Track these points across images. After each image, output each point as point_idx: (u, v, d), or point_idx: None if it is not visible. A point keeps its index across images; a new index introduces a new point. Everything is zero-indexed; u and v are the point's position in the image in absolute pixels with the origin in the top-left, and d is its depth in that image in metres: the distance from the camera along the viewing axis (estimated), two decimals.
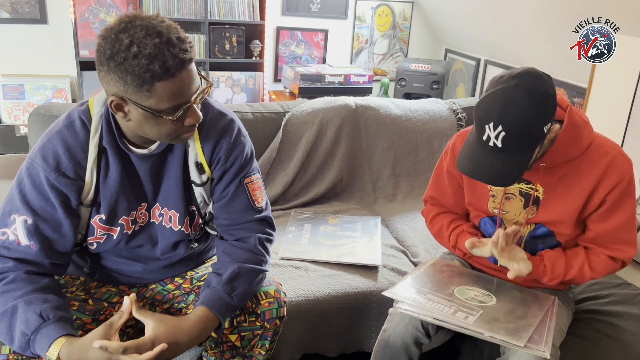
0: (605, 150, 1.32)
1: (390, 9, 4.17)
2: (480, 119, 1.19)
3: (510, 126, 1.15)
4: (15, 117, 3.43)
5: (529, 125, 1.15)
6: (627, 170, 1.31)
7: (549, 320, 1.28)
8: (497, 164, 1.20)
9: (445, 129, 2.45)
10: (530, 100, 1.14)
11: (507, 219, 1.44)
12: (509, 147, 1.17)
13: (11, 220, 1.14)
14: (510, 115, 1.15)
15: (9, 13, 3.36)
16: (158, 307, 1.39)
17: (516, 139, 1.16)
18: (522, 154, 1.19)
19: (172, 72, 1.03)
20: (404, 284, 1.37)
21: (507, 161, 1.19)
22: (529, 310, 1.31)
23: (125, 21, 1.03)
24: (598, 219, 1.35)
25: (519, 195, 1.40)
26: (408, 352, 1.36)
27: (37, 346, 1.05)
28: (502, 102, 1.16)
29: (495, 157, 1.19)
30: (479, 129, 1.20)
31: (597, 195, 1.32)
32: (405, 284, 1.37)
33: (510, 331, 1.21)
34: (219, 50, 3.66)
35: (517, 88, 1.15)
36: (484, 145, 1.20)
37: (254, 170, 1.33)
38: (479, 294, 1.35)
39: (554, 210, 1.37)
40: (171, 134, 1.13)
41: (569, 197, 1.35)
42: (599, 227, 1.35)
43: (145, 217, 1.29)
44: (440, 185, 1.58)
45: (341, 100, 2.36)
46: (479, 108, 1.20)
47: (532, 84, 1.16)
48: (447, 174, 1.54)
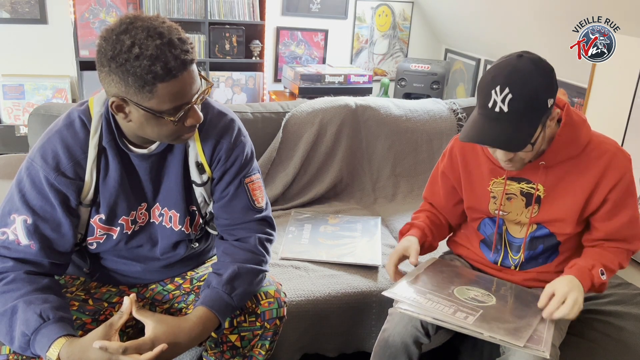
0: (604, 147, 1.33)
1: (390, 9, 4.17)
2: (486, 86, 1.20)
3: (517, 89, 1.16)
4: (15, 117, 3.43)
5: (535, 91, 1.16)
6: (627, 166, 1.33)
7: (549, 320, 1.28)
8: (505, 128, 1.19)
9: (445, 129, 2.45)
10: (537, 69, 1.17)
11: (508, 219, 1.44)
12: (516, 113, 1.17)
13: (11, 220, 1.14)
14: (517, 80, 1.16)
15: (9, 13, 3.37)
16: (158, 307, 1.39)
17: (523, 104, 1.16)
18: (527, 123, 1.19)
19: (173, 73, 1.03)
20: (404, 284, 1.37)
21: (514, 127, 1.19)
22: (528, 310, 1.31)
23: (126, 22, 1.03)
24: (604, 218, 1.36)
25: (520, 195, 1.40)
26: (408, 352, 1.36)
27: (37, 346, 1.05)
28: (509, 69, 1.18)
29: (502, 123, 1.19)
30: (484, 98, 1.20)
31: (599, 193, 1.33)
32: (404, 284, 1.37)
33: (510, 331, 1.21)
34: (219, 50, 3.66)
35: (522, 58, 1.19)
36: (489, 113, 1.20)
37: (254, 170, 1.33)
38: (479, 294, 1.35)
39: (556, 208, 1.37)
40: (172, 134, 1.13)
41: (570, 195, 1.35)
42: (607, 225, 1.36)
43: (145, 217, 1.28)
44: (433, 186, 1.59)
45: (341, 100, 2.36)
46: (484, 79, 1.22)
47: (536, 57, 1.21)
48: (441, 175, 1.55)
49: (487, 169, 1.43)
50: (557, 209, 1.37)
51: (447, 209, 1.57)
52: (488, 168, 1.43)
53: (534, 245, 1.43)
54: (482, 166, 1.44)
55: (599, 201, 1.34)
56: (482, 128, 1.22)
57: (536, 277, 1.45)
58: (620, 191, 1.32)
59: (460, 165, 1.48)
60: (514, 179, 1.40)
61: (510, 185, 1.40)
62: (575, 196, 1.34)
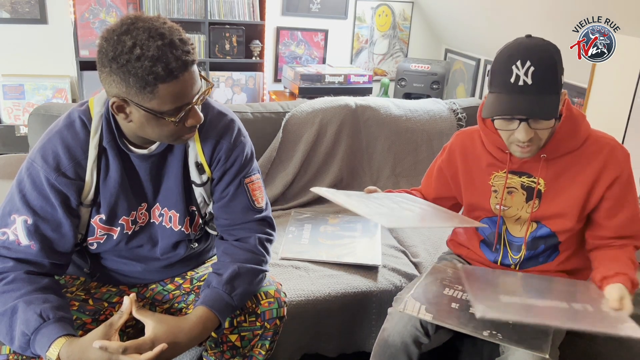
0: (603, 142, 1.35)
1: (390, 9, 4.17)
2: (504, 64, 1.23)
3: (537, 61, 1.20)
4: (15, 117, 3.43)
5: (553, 61, 1.21)
6: (626, 161, 1.34)
7: None
8: (532, 99, 1.21)
9: (445, 129, 2.45)
10: (549, 44, 1.24)
11: (508, 215, 1.44)
12: (541, 83, 1.20)
13: (11, 220, 1.14)
14: (536, 53, 1.21)
15: (9, 13, 3.37)
16: (158, 307, 1.39)
17: (545, 74, 1.20)
18: (553, 93, 1.22)
19: (175, 74, 1.03)
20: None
21: (540, 97, 1.21)
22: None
23: (127, 23, 1.03)
24: (608, 215, 1.36)
25: (521, 188, 1.40)
26: (407, 352, 1.36)
27: (37, 346, 1.05)
28: (524, 46, 1.23)
29: (528, 95, 1.21)
30: (504, 75, 1.22)
31: (598, 189, 1.34)
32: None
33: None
34: (219, 50, 3.66)
35: (532, 37, 1.25)
36: (512, 88, 1.22)
37: (254, 171, 1.33)
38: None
39: (556, 203, 1.38)
40: (172, 134, 1.13)
41: (570, 189, 1.36)
42: (613, 222, 1.36)
43: (145, 217, 1.29)
44: (428, 178, 1.62)
45: (341, 100, 2.36)
46: (499, 58, 1.25)
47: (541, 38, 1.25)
48: (437, 170, 1.56)
49: (487, 163, 1.43)
50: (558, 203, 1.37)
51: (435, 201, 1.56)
52: (487, 162, 1.43)
53: (535, 245, 1.43)
54: (482, 161, 1.44)
55: (599, 196, 1.34)
56: (508, 102, 1.23)
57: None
58: (621, 186, 1.33)
59: (460, 162, 1.48)
60: (515, 173, 1.40)
61: (511, 178, 1.40)
62: (576, 190, 1.35)
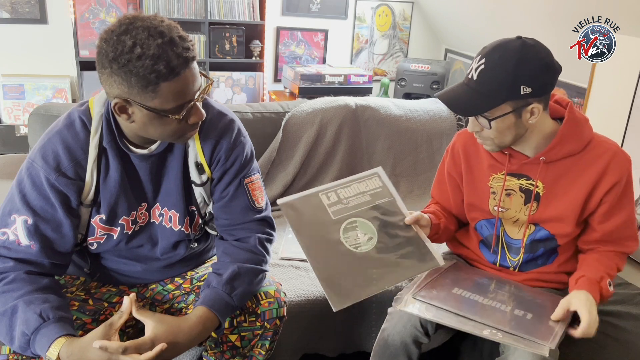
0: (605, 146, 1.33)
1: (390, 9, 4.17)
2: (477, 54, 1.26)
3: (490, 63, 1.21)
4: (15, 117, 3.43)
5: (507, 72, 1.20)
6: (627, 167, 1.33)
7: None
8: (466, 94, 1.25)
9: (445, 129, 2.45)
10: (522, 53, 1.20)
11: (507, 217, 1.43)
12: (481, 84, 1.22)
13: (11, 220, 1.14)
14: (496, 55, 1.21)
15: (9, 13, 3.36)
16: (158, 307, 1.39)
17: (489, 77, 1.22)
18: (487, 97, 1.22)
19: (177, 71, 1.03)
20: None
21: (474, 95, 1.24)
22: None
23: (125, 23, 1.03)
24: (601, 219, 1.36)
25: (519, 191, 1.40)
26: (407, 352, 1.36)
27: (37, 346, 1.05)
28: (496, 44, 1.24)
29: (467, 89, 1.25)
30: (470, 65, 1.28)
31: (597, 194, 1.33)
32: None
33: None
34: (219, 50, 3.66)
35: (519, 39, 1.22)
36: (464, 78, 1.27)
37: (254, 171, 1.33)
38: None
39: (555, 206, 1.37)
40: (175, 133, 1.13)
41: (569, 193, 1.35)
42: (603, 227, 1.36)
43: (146, 217, 1.29)
44: (441, 185, 1.58)
45: (341, 100, 2.36)
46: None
47: (534, 43, 1.23)
48: (447, 176, 1.54)
49: (487, 164, 1.43)
50: (556, 207, 1.37)
51: (457, 207, 1.55)
52: (488, 163, 1.43)
53: (534, 248, 1.43)
54: (483, 162, 1.44)
55: (598, 200, 1.34)
56: (452, 90, 1.30)
57: (537, 277, 1.45)
58: (618, 192, 1.33)
59: (463, 161, 1.48)
60: (513, 175, 1.39)
61: (509, 181, 1.40)
62: (575, 194, 1.34)
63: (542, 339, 1.19)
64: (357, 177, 1.39)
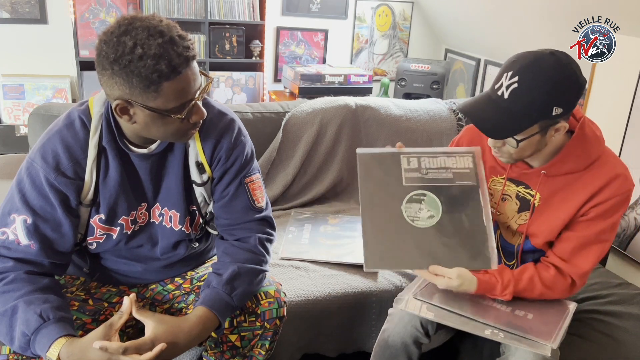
0: (609, 168, 1.26)
1: (390, 9, 4.17)
2: (504, 67, 1.19)
3: (525, 83, 1.14)
4: (15, 117, 3.43)
5: (542, 92, 1.13)
6: (623, 192, 1.25)
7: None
8: (496, 113, 1.17)
9: (445, 129, 2.45)
10: (557, 73, 1.14)
11: (501, 221, 1.43)
12: (513, 103, 1.15)
13: (11, 220, 1.14)
14: (530, 74, 1.14)
15: (9, 13, 3.36)
16: (158, 307, 1.39)
17: (523, 97, 1.14)
18: (520, 119, 1.16)
19: (178, 70, 1.03)
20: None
21: (505, 116, 1.17)
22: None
23: (124, 24, 1.03)
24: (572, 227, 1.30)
25: (515, 198, 1.38)
26: (408, 352, 1.36)
27: (38, 346, 1.05)
28: (531, 59, 1.15)
29: (496, 107, 1.17)
30: (497, 77, 1.20)
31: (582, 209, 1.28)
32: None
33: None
34: (219, 50, 3.66)
35: (553, 55, 1.16)
36: (492, 93, 1.19)
37: (254, 170, 1.33)
38: None
39: (543, 222, 1.33)
40: (177, 132, 1.13)
41: (560, 210, 1.30)
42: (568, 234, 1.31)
43: (145, 217, 1.28)
44: None
45: (341, 100, 2.36)
46: (509, 59, 1.20)
47: (567, 60, 1.16)
48: None
49: (489, 165, 1.42)
50: (544, 223, 1.32)
51: None
52: (490, 165, 1.42)
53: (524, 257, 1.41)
54: (485, 162, 1.43)
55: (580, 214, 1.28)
56: (478, 105, 1.22)
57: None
58: (602, 209, 1.25)
59: None
60: (513, 181, 1.38)
61: (508, 186, 1.39)
62: (565, 212, 1.29)
63: (543, 339, 1.19)
64: (449, 149, 1.33)
